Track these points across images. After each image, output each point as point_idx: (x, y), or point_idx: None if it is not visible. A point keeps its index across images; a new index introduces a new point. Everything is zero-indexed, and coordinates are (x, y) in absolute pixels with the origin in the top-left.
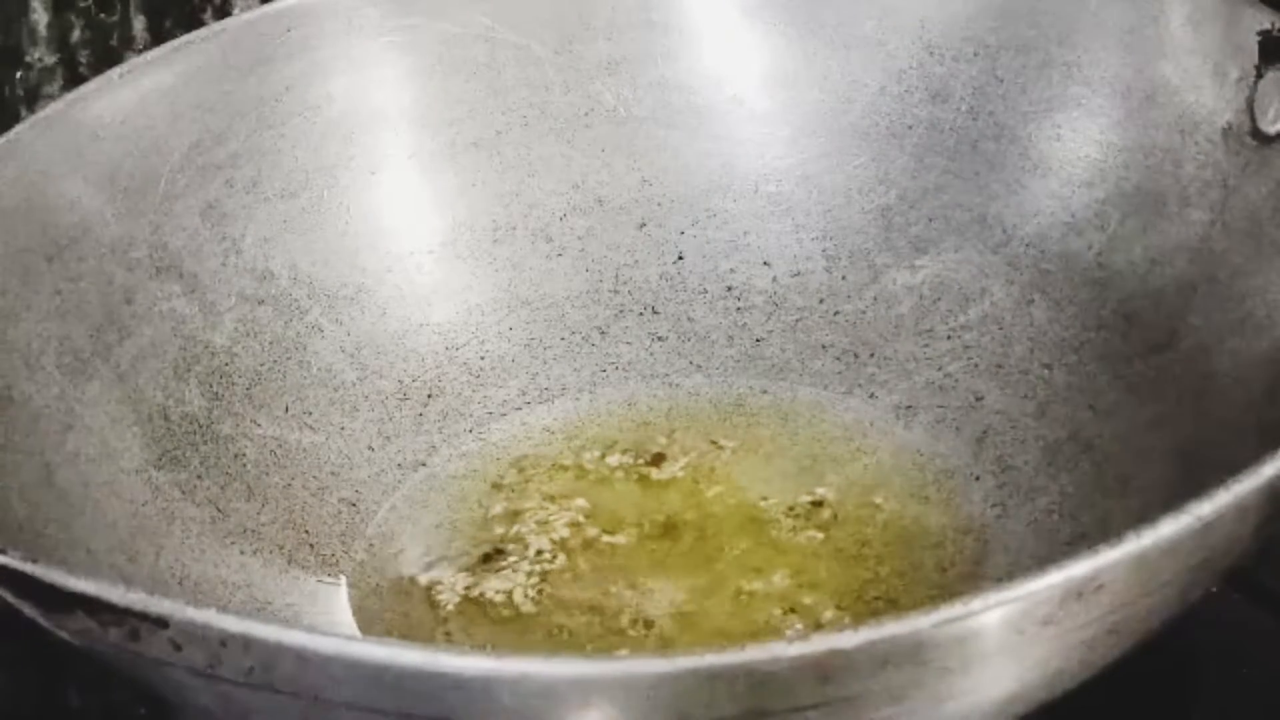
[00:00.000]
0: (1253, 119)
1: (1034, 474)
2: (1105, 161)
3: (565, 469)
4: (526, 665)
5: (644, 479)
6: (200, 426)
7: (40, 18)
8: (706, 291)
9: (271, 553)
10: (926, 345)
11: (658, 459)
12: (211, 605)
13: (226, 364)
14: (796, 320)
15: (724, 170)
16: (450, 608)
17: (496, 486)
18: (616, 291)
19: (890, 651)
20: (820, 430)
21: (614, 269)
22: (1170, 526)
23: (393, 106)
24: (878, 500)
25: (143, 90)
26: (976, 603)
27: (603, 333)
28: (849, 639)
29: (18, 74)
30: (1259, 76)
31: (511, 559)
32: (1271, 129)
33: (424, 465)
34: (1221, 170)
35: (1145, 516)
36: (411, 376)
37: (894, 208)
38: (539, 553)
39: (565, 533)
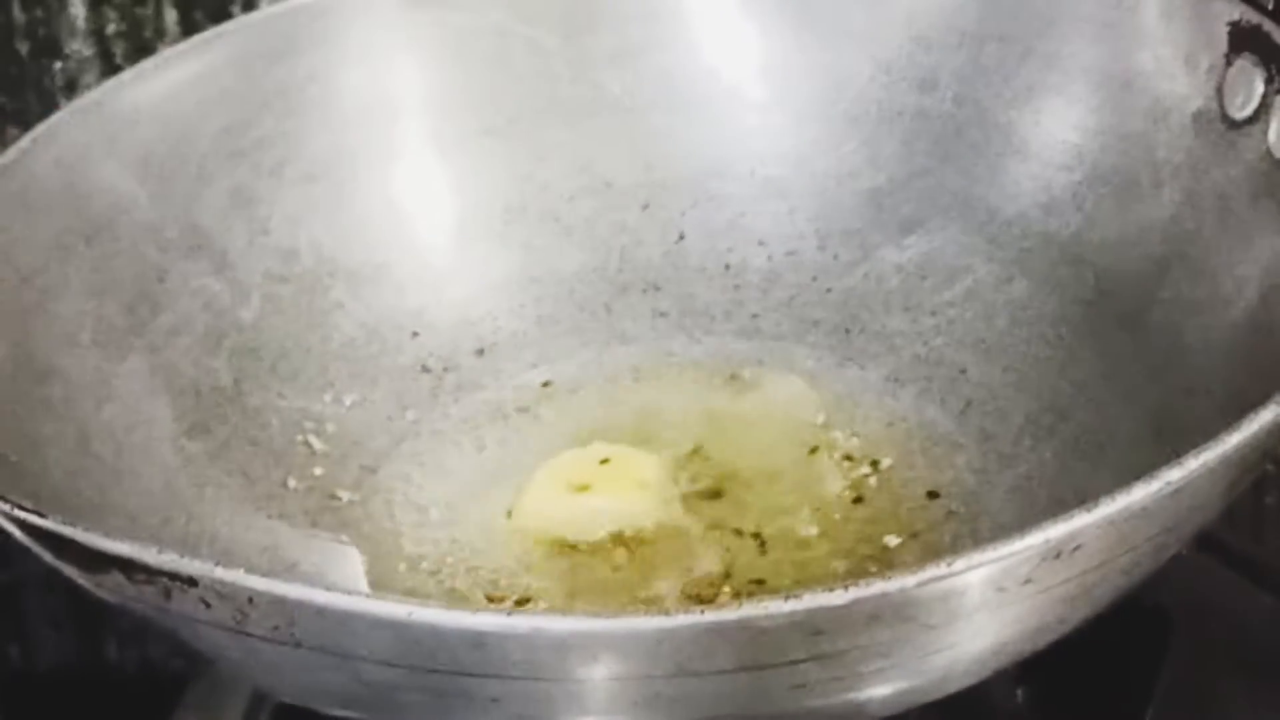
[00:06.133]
0: (1222, 105)
1: (1014, 442)
2: (1083, 146)
3: (575, 436)
4: (537, 621)
5: (649, 447)
6: (229, 398)
7: (78, 11)
8: (706, 269)
9: (296, 516)
10: (913, 320)
11: (663, 428)
12: (239, 565)
13: (254, 339)
14: (790, 297)
15: (722, 155)
16: (465, 565)
17: (509, 453)
18: (621, 269)
19: (877, 609)
20: (813, 400)
21: (619, 248)
22: (1143, 491)
23: (410, 95)
24: (867, 467)
25: (175, 80)
26: (960, 563)
27: (608, 309)
28: (838, 597)
29: (57, 65)
30: (1228, 65)
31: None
32: (1239, 114)
33: (440, 433)
34: (1192, 154)
35: (1119, 482)
36: (428, 350)
37: (883, 190)
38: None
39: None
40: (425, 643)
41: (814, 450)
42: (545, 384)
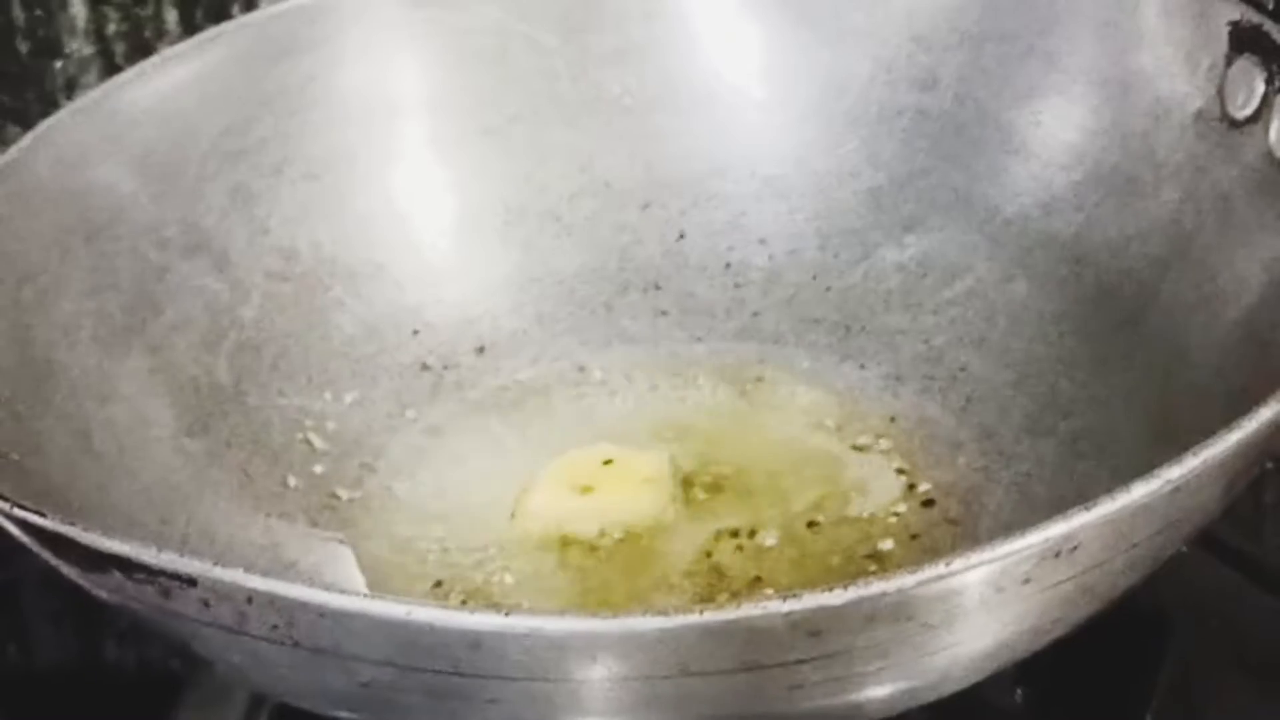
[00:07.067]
0: (1223, 105)
1: (1014, 440)
2: (1083, 145)
3: (576, 436)
4: (535, 622)
5: (651, 447)
6: (229, 396)
7: (79, 11)
8: (706, 268)
9: (295, 515)
10: (914, 319)
11: (664, 428)
12: (238, 565)
13: (253, 338)
14: (791, 295)
15: (723, 154)
16: (465, 565)
17: (509, 452)
18: (622, 269)
19: (876, 609)
20: (814, 398)
21: (619, 248)
22: (1142, 490)
23: (410, 95)
24: (868, 463)
25: (175, 79)
26: (959, 562)
27: (608, 308)
28: (837, 597)
29: (57, 64)
30: (1228, 65)
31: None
32: (1240, 114)
33: (440, 432)
34: (1193, 153)
35: (1119, 481)
36: (428, 349)
37: (883, 189)
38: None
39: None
40: (423, 643)
41: (813, 446)
42: (546, 383)
